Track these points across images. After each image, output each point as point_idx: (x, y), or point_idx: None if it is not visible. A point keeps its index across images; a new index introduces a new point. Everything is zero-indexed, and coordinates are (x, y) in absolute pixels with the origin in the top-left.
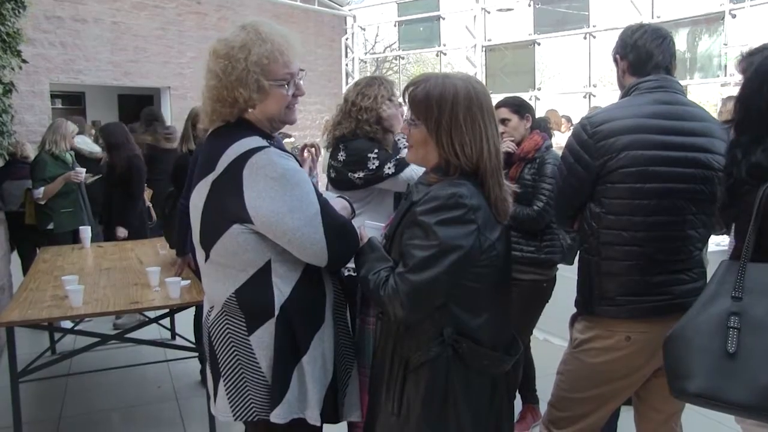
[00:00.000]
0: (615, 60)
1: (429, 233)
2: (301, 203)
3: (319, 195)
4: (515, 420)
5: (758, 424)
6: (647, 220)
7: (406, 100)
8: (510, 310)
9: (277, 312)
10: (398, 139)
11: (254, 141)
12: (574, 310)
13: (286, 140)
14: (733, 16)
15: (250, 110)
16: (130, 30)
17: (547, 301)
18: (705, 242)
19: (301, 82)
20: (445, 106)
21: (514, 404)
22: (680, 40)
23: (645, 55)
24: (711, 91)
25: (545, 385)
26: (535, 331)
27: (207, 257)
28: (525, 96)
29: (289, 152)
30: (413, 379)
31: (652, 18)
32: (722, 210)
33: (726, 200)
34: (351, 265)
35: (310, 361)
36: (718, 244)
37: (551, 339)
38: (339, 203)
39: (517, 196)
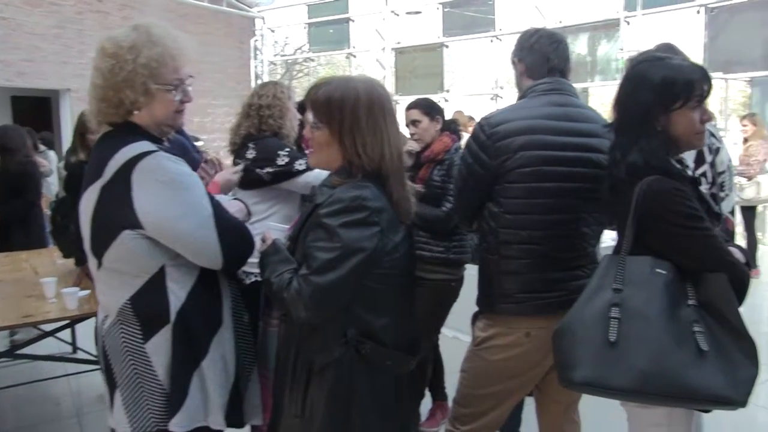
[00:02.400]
0: (513, 63)
1: (332, 235)
2: (192, 207)
3: (211, 198)
4: (425, 417)
5: (639, 406)
6: (544, 218)
7: (309, 104)
8: (414, 310)
9: (173, 318)
10: None
11: (143, 146)
12: None
13: (194, 143)
14: (628, 23)
15: (136, 113)
16: (23, 27)
17: (455, 300)
18: (598, 239)
19: (190, 88)
20: (346, 108)
21: (424, 401)
22: (581, 45)
23: (541, 58)
24: (610, 93)
25: (455, 382)
26: (444, 329)
27: (100, 264)
28: (434, 98)
29: (179, 156)
30: (317, 381)
31: (557, 23)
32: (606, 207)
33: (608, 198)
34: (257, 270)
35: (210, 365)
36: (614, 239)
37: (460, 336)
38: (234, 206)
39: (424, 197)
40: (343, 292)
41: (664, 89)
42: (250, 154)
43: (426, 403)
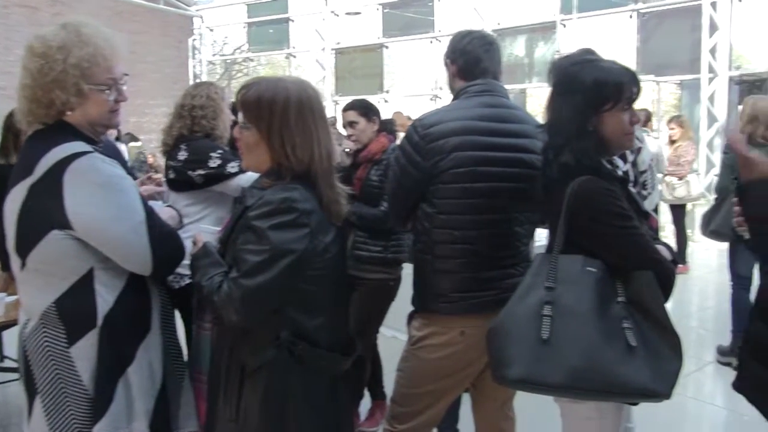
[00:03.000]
0: (446, 64)
1: (262, 238)
2: (125, 211)
3: (145, 203)
4: (365, 417)
5: (572, 401)
6: (477, 218)
7: (239, 104)
8: (347, 310)
9: (100, 322)
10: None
11: (76, 146)
12: None
13: (132, 143)
14: (564, 26)
15: (69, 113)
16: None
17: (394, 299)
18: (531, 238)
19: (125, 87)
20: (276, 109)
21: (364, 401)
22: (519, 47)
23: (473, 60)
24: (547, 95)
25: (393, 382)
26: (383, 329)
27: (23, 265)
28: (374, 98)
29: (113, 158)
30: (251, 384)
31: (495, 25)
32: (539, 206)
33: (541, 197)
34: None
35: (136, 370)
36: (548, 237)
37: (399, 336)
38: (167, 212)
39: (362, 197)
40: (274, 294)
41: (595, 91)
42: (182, 155)
43: (366, 403)
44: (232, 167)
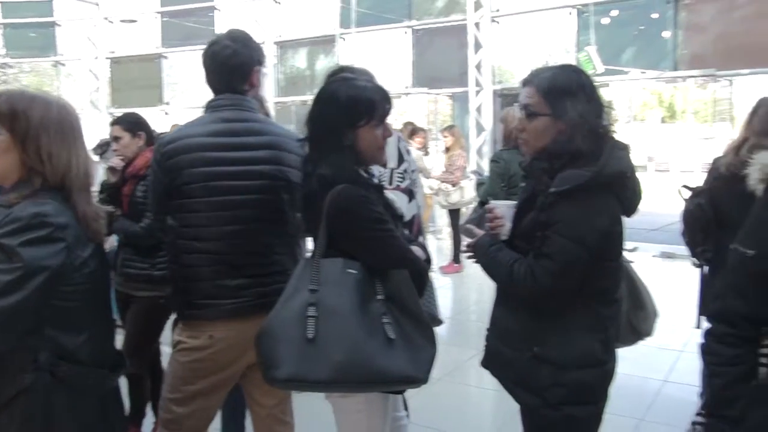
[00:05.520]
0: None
1: (12, 256)
2: None
3: None
4: None
5: (341, 396)
6: (218, 230)
7: None
8: (112, 325)
9: None
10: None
11: None
12: None
13: None
14: (343, 39)
15: None
16: None
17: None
18: (290, 247)
19: None
20: (34, 114)
21: (147, 419)
22: (300, 59)
23: (212, 75)
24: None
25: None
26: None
27: None
28: (153, 110)
29: None
30: (7, 414)
31: (277, 37)
32: (303, 216)
33: (304, 207)
34: None
35: None
36: None
37: None
38: None
39: (129, 213)
40: (28, 314)
41: (349, 108)
42: None
43: (149, 420)
44: None
